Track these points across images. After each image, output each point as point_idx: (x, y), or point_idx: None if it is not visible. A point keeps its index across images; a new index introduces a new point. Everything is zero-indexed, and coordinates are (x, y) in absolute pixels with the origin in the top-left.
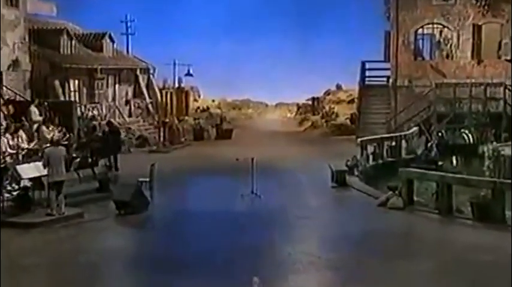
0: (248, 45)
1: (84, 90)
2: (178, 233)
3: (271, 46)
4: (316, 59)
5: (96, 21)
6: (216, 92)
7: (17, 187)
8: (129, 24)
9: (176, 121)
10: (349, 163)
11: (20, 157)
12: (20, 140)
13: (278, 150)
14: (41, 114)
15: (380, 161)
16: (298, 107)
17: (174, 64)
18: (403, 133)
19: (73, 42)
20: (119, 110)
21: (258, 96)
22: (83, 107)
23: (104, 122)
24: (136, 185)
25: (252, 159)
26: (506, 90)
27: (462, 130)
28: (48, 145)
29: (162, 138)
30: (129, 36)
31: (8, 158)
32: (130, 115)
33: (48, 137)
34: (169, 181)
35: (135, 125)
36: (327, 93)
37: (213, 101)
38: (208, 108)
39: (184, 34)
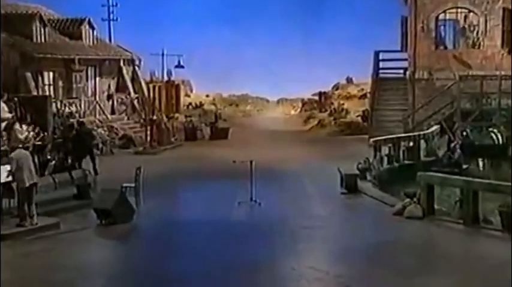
0: (247, 34)
1: (60, 83)
2: (167, 246)
3: (273, 35)
4: (324, 49)
5: (74, 5)
6: (211, 87)
7: None
8: (111, 9)
9: (165, 119)
10: (360, 166)
11: None
12: None
13: (280, 151)
14: (10, 111)
15: (396, 164)
16: (303, 103)
17: (163, 54)
18: (422, 132)
19: (47, 29)
20: (100, 106)
21: (258, 91)
22: (58, 103)
23: (81, 120)
24: (120, 191)
25: (251, 162)
26: None
27: (490, 129)
28: (20, 146)
29: (149, 138)
30: (112, 23)
31: None
32: (113, 112)
33: (22, 137)
34: (157, 186)
35: (118, 123)
36: (336, 87)
37: (207, 96)
38: (201, 104)
39: (175, 20)
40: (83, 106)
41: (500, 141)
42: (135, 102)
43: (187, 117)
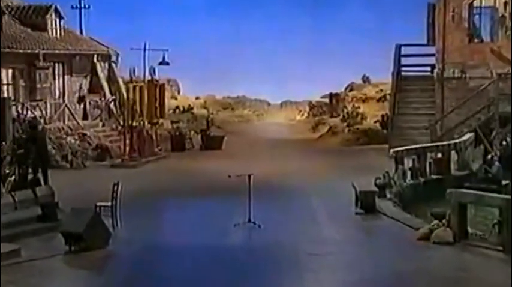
0: (245, 25)
1: (21, 83)
2: (150, 277)
3: (275, 26)
4: (336, 43)
5: None
6: (202, 87)
7: None
8: None
9: (148, 125)
10: (379, 182)
11: None
12: None
13: (284, 164)
14: None
15: (421, 179)
16: (311, 106)
17: (145, 49)
18: (453, 141)
19: (5, 18)
20: (69, 110)
21: (258, 93)
22: (19, 106)
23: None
24: (93, 212)
25: (249, 176)
26: None
27: None
28: None
29: (128, 149)
30: (83, 11)
31: None
32: (85, 117)
33: None
34: (138, 205)
35: (91, 130)
36: (350, 88)
37: (197, 98)
38: (190, 108)
39: (159, 9)
40: (48, 110)
41: None
42: (112, 105)
43: (174, 123)
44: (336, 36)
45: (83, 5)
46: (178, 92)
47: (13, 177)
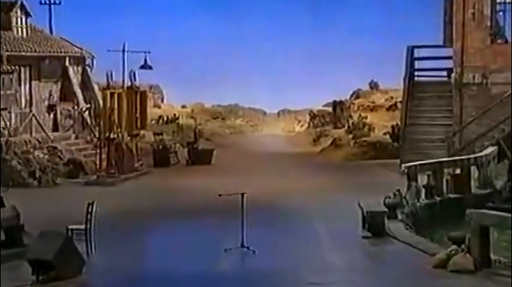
0: (238, 25)
1: None
2: None
3: (272, 25)
4: (340, 44)
5: None
6: (188, 94)
7: None
8: None
9: (127, 138)
10: (389, 201)
11: None
12: None
13: (282, 181)
14: None
15: (437, 199)
16: (312, 116)
17: (124, 51)
18: (473, 156)
19: None
20: (37, 121)
21: (252, 101)
22: None
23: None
24: (65, 236)
25: (242, 195)
26: None
27: None
28: None
29: (105, 164)
30: (53, 7)
31: None
32: (56, 128)
33: None
34: (116, 228)
35: (63, 143)
36: (356, 95)
37: (184, 107)
38: (176, 118)
39: (140, 5)
40: (13, 120)
41: None
42: (86, 114)
43: (157, 135)
44: (340, 37)
45: (52, 1)
46: (162, 100)
47: None
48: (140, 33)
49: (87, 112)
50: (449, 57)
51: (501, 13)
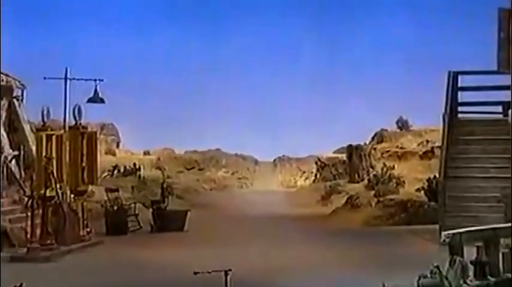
0: (220, 45)
1: None
2: None
3: (267, 44)
4: (355, 68)
5: None
6: (153, 137)
7: None
8: None
9: (70, 196)
10: (425, 282)
11: None
12: None
13: (279, 255)
14: None
15: (491, 279)
16: (320, 165)
17: (66, 78)
18: None
19: None
20: None
21: (240, 146)
22: None
23: None
24: None
25: (226, 273)
26: None
27: None
28: None
29: (39, 232)
30: None
31: None
32: None
33: None
34: None
35: None
36: (379, 138)
37: (147, 154)
38: (137, 168)
39: (89, 19)
40: None
41: None
42: (13, 165)
43: (111, 192)
44: (357, 58)
45: None
46: (118, 144)
47: None
48: (89, 55)
49: (14, 161)
50: (506, 87)
51: None
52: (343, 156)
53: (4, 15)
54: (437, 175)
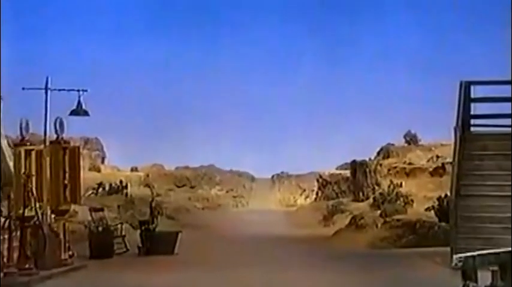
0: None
1: None
2: None
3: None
4: (359, 79)
5: None
6: (141, 152)
7: None
8: None
9: (51, 216)
10: None
11: None
12: None
13: (278, 280)
14: None
15: None
16: (322, 182)
17: (47, 89)
18: None
19: None
20: None
21: (235, 162)
22: None
23: None
24: None
25: None
26: None
27: None
28: None
29: (17, 255)
30: None
31: None
32: None
33: None
34: None
35: None
36: (385, 153)
37: (134, 170)
38: (123, 186)
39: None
40: None
41: None
42: None
43: (96, 211)
44: (361, 68)
45: None
46: (103, 160)
47: None
48: (72, 64)
49: None
50: None
51: None
52: (347, 172)
53: None
54: (448, 193)
